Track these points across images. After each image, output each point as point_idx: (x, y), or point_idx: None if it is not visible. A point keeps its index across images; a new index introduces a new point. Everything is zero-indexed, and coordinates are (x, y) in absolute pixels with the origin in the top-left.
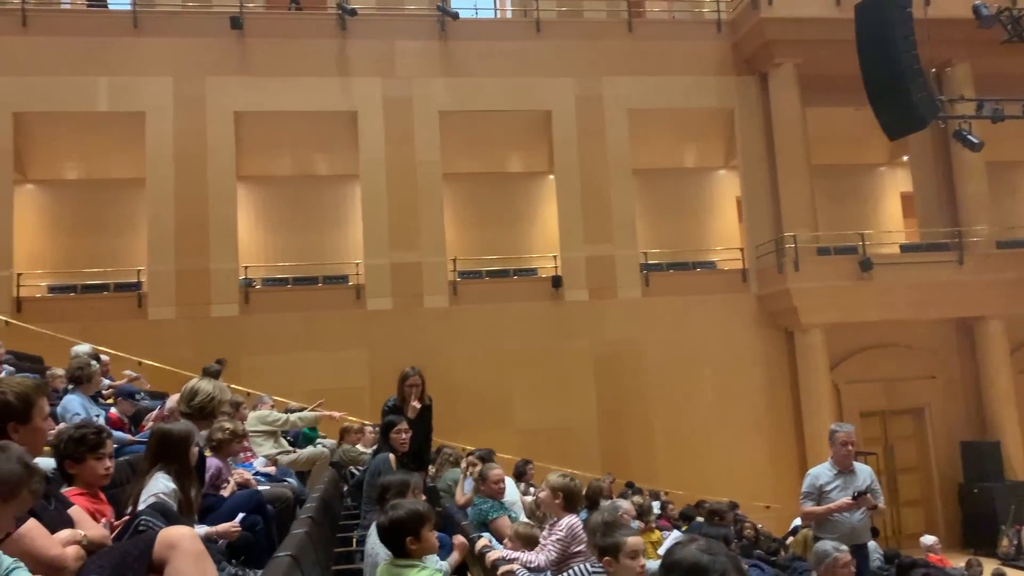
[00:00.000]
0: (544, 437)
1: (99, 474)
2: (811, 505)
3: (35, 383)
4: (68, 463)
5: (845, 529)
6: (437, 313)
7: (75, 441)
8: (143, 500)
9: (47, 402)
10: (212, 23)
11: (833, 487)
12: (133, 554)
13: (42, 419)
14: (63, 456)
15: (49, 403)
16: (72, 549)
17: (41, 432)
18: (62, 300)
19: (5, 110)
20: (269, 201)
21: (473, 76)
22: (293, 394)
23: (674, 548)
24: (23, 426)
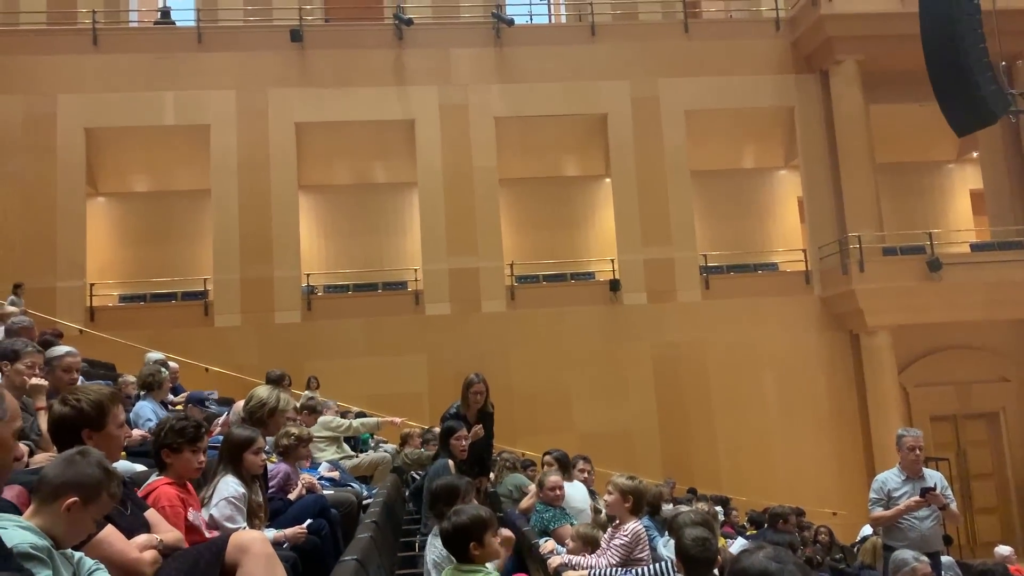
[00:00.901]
0: (604, 441)
1: (193, 467)
2: (880, 510)
3: (109, 391)
4: (165, 451)
5: (915, 536)
6: (495, 318)
7: (176, 431)
8: (214, 503)
9: (121, 410)
10: (273, 36)
11: (902, 493)
12: (206, 557)
13: (116, 426)
14: (161, 444)
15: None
16: (149, 554)
17: (115, 439)
18: (132, 309)
19: (77, 126)
20: (330, 209)
21: (528, 81)
22: (355, 399)
23: (741, 556)
24: (97, 433)
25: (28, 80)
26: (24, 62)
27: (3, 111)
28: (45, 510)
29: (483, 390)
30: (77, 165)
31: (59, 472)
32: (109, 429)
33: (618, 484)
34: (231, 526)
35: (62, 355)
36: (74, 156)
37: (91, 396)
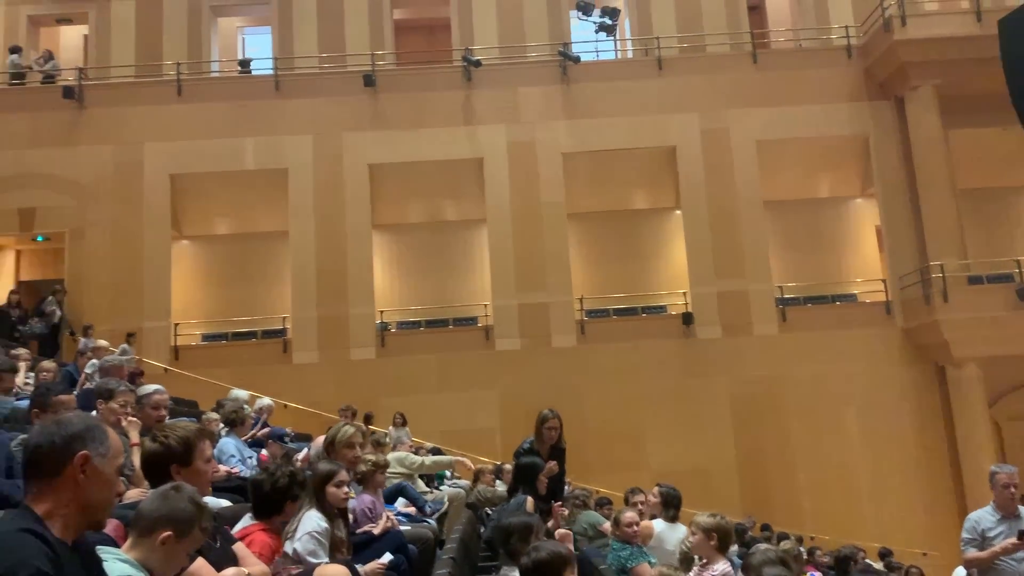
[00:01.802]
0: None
1: (286, 518)
2: (973, 551)
3: (196, 428)
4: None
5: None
6: (565, 353)
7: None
8: (297, 537)
9: (208, 445)
10: (347, 82)
11: (997, 533)
12: None
13: (203, 462)
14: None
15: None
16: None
17: (203, 474)
18: (214, 348)
19: (163, 173)
20: (402, 247)
21: (595, 117)
22: (428, 434)
23: None
24: (185, 468)
25: (117, 130)
26: (114, 113)
27: (95, 160)
28: (142, 543)
29: (557, 426)
30: (163, 210)
31: (154, 507)
32: (196, 465)
33: (701, 523)
34: (313, 560)
35: (151, 393)
36: (160, 201)
37: (179, 433)
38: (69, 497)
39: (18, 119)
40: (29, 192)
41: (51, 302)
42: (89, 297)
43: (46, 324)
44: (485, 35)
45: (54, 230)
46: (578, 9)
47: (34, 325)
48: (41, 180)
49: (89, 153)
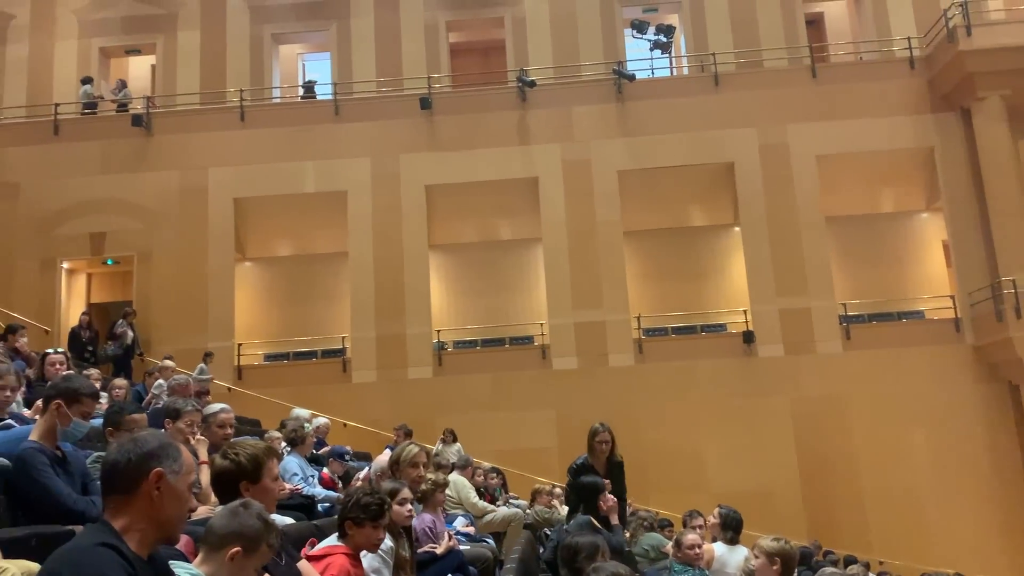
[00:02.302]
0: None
1: (372, 542)
2: None
3: (265, 446)
4: (348, 523)
5: None
6: (623, 372)
7: (361, 507)
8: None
9: (276, 464)
10: (404, 105)
11: None
12: None
13: (271, 479)
14: (345, 516)
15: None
16: None
17: (270, 491)
18: (276, 367)
19: (227, 197)
20: (458, 267)
21: (651, 134)
22: (484, 454)
23: None
24: (253, 485)
25: (183, 156)
26: (180, 140)
27: (161, 185)
28: (212, 558)
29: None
30: (226, 233)
31: (224, 523)
32: (264, 482)
33: (764, 547)
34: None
35: (217, 412)
36: (224, 224)
37: (248, 451)
38: (144, 513)
39: (90, 147)
40: (100, 217)
41: (122, 324)
42: (156, 318)
43: (119, 346)
44: (539, 56)
45: (123, 253)
46: (633, 28)
47: (108, 348)
48: (111, 205)
49: (156, 179)
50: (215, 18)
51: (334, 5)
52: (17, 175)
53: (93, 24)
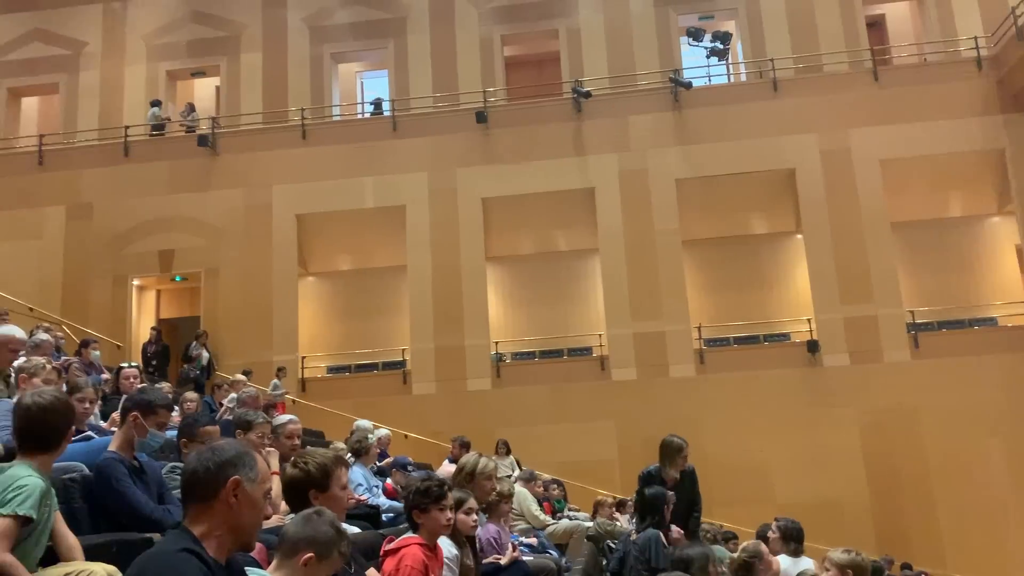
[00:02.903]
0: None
1: (441, 523)
2: None
3: (333, 455)
4: (415, 512)
5: None
6: (684, 383)
7: (421, 493)
8: None
9: (345, 472)
10: (460, 119)
11: None
12: None
13: (340, 488)
14: (411, 506)
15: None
16: None
17: (339, 499)
18: (338, 379)
19: (290, 213)
20: (515, 278)
21: (709, 142)
22: (544, 466)
23: None
24: (323, 494)
25: (247, 174)
26: (244, 159)
27: (227, 203)
28: (285, 565)
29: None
30: (290, 248)
31: (298, 530)
32: (333, 491)
33: (835, 559)
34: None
35: (285, 423)
36: (287, 240)
37: (317, 460)
38: (222, 519)
39: (158, 167)
40: (168, 235)
41: (196, 346)
42: (223, 333)
43: (195, 367)
44: (594, 66)
45: (191, 270)
46: (688, 35)
47: (185, 370)
48: (179, 223)
49: (222, 197)
50: (276, 40)
51: (391, 24)
52: (90, 196)
53: (160, 48)
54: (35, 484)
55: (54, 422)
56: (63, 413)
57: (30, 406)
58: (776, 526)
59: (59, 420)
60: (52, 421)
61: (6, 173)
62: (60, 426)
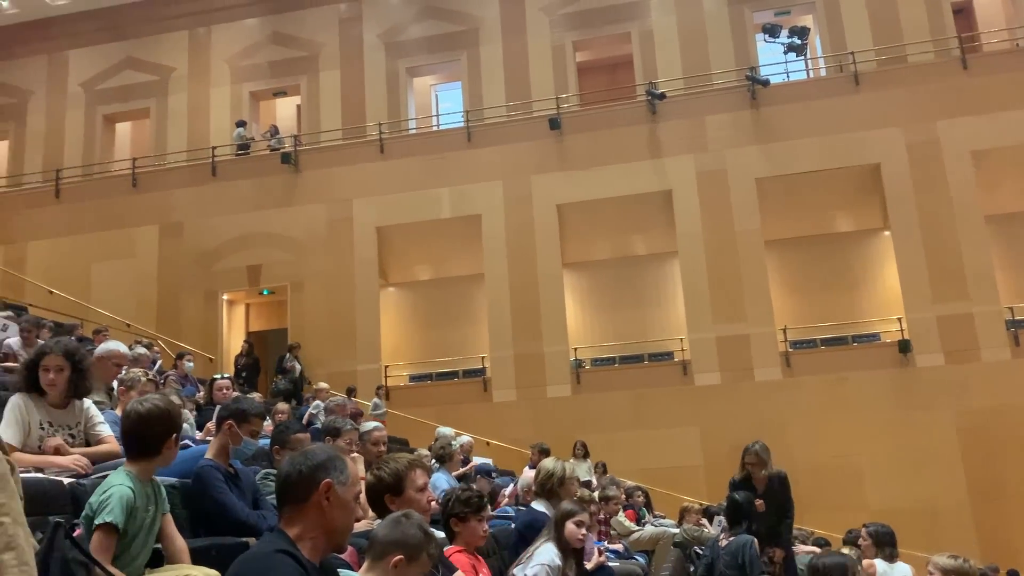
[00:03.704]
0: (904, 519)
1: (479, 534)
2: None
3: (407, 459)
4: (454, 520)
5: None
6: (770, 386)
7: (462, 502)
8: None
9: (420, 475)
10: (533, 127)
11: None
12: None
13: (415, 491)
14: (450, 514)
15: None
16: None
17: (416, 502)
18: (420, 388)
19: (370, 226)
20: (593, 284)
21: (789, 139)
22: (627, 473)
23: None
24: (398, 498)
25: (329, 189)
26: (325, 174)
27: (310, 218)
28: (376, 567)
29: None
30: (370, 260)
31: (387, 533)
32: (408, 494)
33: (940, 564)
34: None
35: (371, 430)
36: (368, 252)
37: (391, 465)
38: (316, 522)
39: (244, 185)
40: (255, 251)
41: (290, 359)
42: (308, 343)
43: (289, 379)
44: (668, 67)
45: (277, 284)
46: (764, 32)
47: (278, 382)
48: (264, 239)
49: (305, 212)
50: (353, 57)
51: (464, 36)
52: (181, 215)
53: (243, 70)
54: (119, 492)
55: (152, 429)
56: (161, 420)
57: (130, 413)
58: (867, 532)
59: (157, 427)
60: (150, 428)
61: (103, 196)
62: (158, 433)
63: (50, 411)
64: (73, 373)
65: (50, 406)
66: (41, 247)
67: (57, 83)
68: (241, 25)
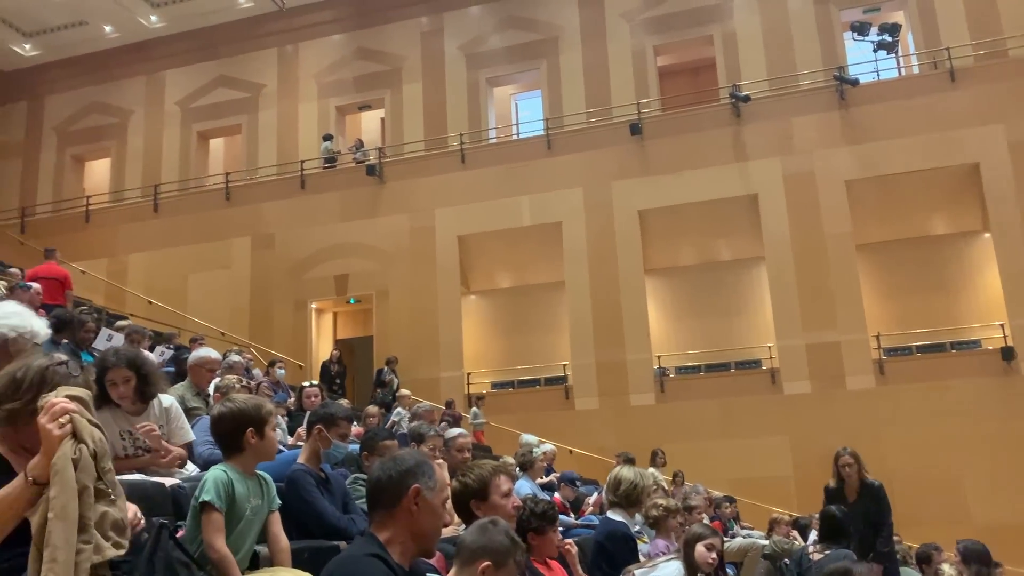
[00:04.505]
0: (1012, 534)
1: (554, 545)
2: None
3: (492, 466)
4: (531, 535)
5: None
6: (863, 395)
7: (539, 515)
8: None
9: (504, 481)
10: (614, 133)
11: None
12: None
13: (500, 496)
14: (526, 528)
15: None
16: None
17: (500, 508)
18: (503, 395)
19: (451, 235)
20: (676, 290)
21: (880, 139)
22: (714, 483)
23: None
24: (483, 503)
25: (412, 199)
26: (409, 185)
27: (394, 228)
28: (464, 572)
29: (850, 462)
30: (452, 268)
31: (475, 539)
32: (493, 499)
33: None
34: None
35: (456, 436)
36: (450, 261)
37: (475, 471)
38: (405, 526)
39: (331, 197)
40: (342, 261)
41: (388, 372)
42: (393, 350)
43: (389, 392)
44: (752, 69)
45: (363, 292)
46: (852, 30)
47: (379, 394)
48: (351, 249)
49: (389, 222)
50: (435, 69)
51: (543, 44)
52: (272, 227)
53: (329, 86)
54: (213, 475)
55: (226, 427)
56: (232, 418)
57: (211, 418)
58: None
59: (230, 424)
60: (225, 427)
61: (198, 209)
62: (232, 430)
63: (128, 419)
64: (138, 380)
65: (126, 413)
66: (141, 259)
67: (155, 102)
68: (327, 42)
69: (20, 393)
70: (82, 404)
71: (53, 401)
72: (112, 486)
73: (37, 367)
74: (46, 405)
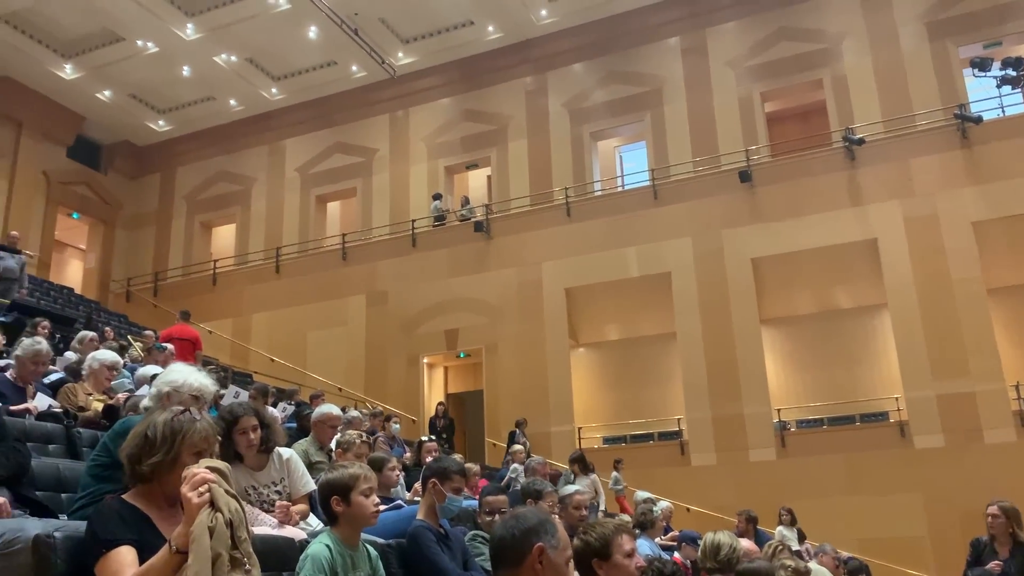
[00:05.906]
0: None
1: None
2: None
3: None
4: None
5: None
6: (1003, 449)
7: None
8: None
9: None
10: (722, 181)
11: None
12: None
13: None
14: None
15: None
16: None
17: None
18: (615, 450)
19: (559, 288)
20: (794, 340)
21: (1009, 178)
22: (842, 543)
23: None
24: (605, 563)
25: (519, 254)
26: (515, 240)
27: (503, 282)
28: None
29: (997, 513)
30: (560, 321)
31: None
32: (615, 558)
33: None
34: None
35: (572, 494)
36: (558, 314)
37: (598, 530)
38: None
39: (441, 255)
40: (452, 315)
41: (519, 435)
42: (503, 404)
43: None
44: (865, 111)
45: (473, 347)
46: (973, 66)
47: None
48: (460, 304)
49: (497, 277)
50: (539, 126)
51: (647, 97)
52: (385, 284)
53: (438, 147)
54: (314, 552)
55: (322, 496)
56: (327, 487)
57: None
58: None
59: (325, 493)
60: (322, 495)
61: (317, 269)
62: (325, 497)
63: (251, 475)
64: (263, 429)
65: (250, 469)
66: (264, 319)
67: (276, 169)
68: (436, 105)
69: (156, 448)
70: (221, 475)
71: (194, 471)
72: (248, 556)
73: (163, 420)
74: (187, 475)
